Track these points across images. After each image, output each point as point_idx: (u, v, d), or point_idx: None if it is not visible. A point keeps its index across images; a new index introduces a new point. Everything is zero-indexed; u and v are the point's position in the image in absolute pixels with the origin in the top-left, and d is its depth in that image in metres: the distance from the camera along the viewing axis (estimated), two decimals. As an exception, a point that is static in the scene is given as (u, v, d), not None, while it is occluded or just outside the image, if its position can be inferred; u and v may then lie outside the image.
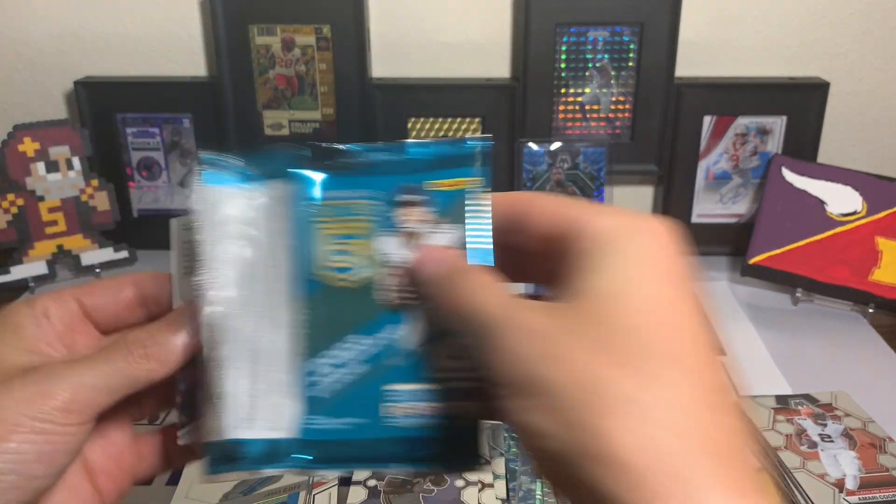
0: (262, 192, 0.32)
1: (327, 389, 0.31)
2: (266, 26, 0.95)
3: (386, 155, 0.32)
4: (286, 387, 0.31)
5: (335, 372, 0.31)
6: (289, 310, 0.31)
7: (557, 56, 0.95)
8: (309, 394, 0.31)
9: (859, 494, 0.57)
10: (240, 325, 0.30)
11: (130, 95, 0.98)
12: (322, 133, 0.99)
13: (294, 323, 0.31)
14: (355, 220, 0.32)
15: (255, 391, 0.30)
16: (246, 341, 0.31)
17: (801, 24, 0.97)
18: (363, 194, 0.32)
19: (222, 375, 0.30)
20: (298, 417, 0.31)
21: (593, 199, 0.98)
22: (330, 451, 0.31)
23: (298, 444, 0.31)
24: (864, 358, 0.78)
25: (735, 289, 0.92)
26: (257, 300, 0.31)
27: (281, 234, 0.32)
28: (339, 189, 0.32)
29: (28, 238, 0.92)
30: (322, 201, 0.32)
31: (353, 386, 0.31)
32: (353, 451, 0.31)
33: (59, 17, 1.00)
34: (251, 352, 0.31)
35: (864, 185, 0.89)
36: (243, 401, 0.30)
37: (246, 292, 0.31)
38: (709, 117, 0.96)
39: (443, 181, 0.32)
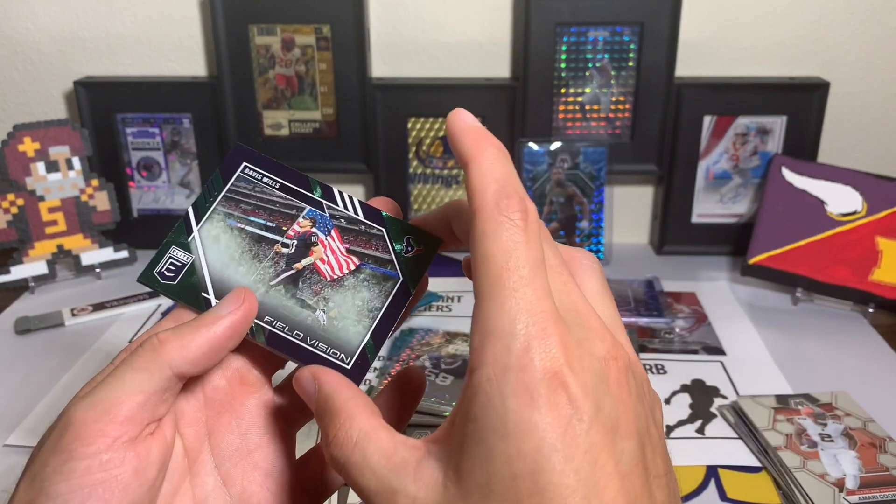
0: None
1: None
2: (266, 26, 0.95)
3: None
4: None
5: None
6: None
7: (557, 56, 0.95)
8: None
9: (859, 494, 0.57)
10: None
11: (130, 95, 0.98)
12: (322, 133, 0.99)
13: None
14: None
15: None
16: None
17: (801, 24, 0.97)
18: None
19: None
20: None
21: (593, 199, 0.98)
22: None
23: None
24: (864, 358, 0.78)
25: (735, 289, 0.92)
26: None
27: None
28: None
29: (28, 238, 0.92)
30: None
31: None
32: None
33: (59, 17, 1.00)
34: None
35: (864, 185, 0.89)
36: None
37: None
38: (709, 117, 0.96)
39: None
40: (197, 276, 0.35)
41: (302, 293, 0.35)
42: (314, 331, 0.35)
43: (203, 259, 0.35)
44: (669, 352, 0.78)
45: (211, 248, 0.35)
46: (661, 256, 1.02)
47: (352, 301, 0.35)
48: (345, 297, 0.35)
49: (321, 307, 0.35)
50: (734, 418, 0.67)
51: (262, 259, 0.35)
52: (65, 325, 0.83)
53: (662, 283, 0.92)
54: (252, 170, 0.37)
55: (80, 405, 0.28)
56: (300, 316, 0.35)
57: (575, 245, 0.99)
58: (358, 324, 0.35)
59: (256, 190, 0.37)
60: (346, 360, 0.34)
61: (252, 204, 0.36)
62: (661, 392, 0.72)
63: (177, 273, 0.35)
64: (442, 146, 0.99)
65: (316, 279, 0.35)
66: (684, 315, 0.86)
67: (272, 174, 0.37)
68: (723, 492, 0.59)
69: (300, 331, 0.34)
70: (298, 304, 0.35)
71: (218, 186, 0.36)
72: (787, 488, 0.59)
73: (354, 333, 0.35)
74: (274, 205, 0.36)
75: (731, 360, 0.77)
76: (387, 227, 0.36)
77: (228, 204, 0.36)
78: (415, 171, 1.01)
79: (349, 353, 0.34)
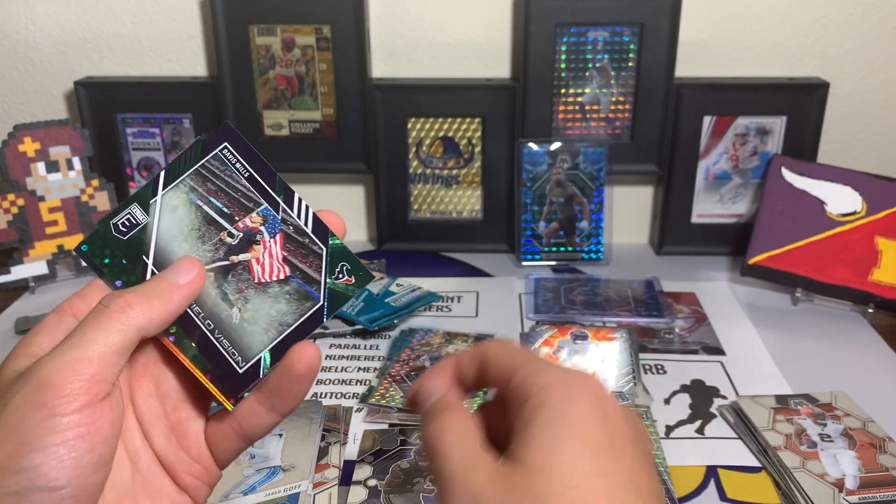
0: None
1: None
2: (266, 26, 0.95)
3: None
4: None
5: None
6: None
7: (557, 56, 0.95)
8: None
9: (859, 494, 0.57)
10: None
11: (130, 95, 0.98)
12: (322, 133, 0.99)
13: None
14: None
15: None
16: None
17: (801, 24, 0.97)
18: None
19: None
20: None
21: (593, 199, 0.98)
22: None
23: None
24: (863, 358, 0.78)
25: (735, 289, 0.92)
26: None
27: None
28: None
29: (29, 238, 0.92)
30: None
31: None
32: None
33: (59, 18, 1.00)
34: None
35: (863, 185, 0.89)
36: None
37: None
38: (709, 117, 0.96)
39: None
40: (145, 239, 0.36)
41: (228, 286, 0.36)
42: (224, 326, 0.36)
43: (156, 224, 0.36)
44: (669, 352, 0.78)
45: (166, 216, 0.36)
46: (661, 256, 1.02)
47: (268, 309, 0.36)
48: (263, 303, 0.36)
49: (239, 305, 0.36)
50: (734, 418, 0.67)
51: (206, 242, 0.36)
52: (65, 325, 0.83)
53: (662, 283, 0.92)
54: (229, 152, 0.37)
55: (54, 363, 0.30)
56: (218, 308, 0.36)
57: (574, 245, 0.99)
58: (264, 333, 0.36)
59: (226, 173, 0.37)
60: (240, 363, 0.35)
61: (217, 185, 0.37)
62: (660, 392, 0.72)
63: (129, 230, 0.36)
64: (442, 146, 0.99)
65: (245, 277, 0.36)
66: (684, 315, 0.86)
67: (246, 161, 0.37)
68: (722, 492, 0.59)
69: (212, 321, 0.36)
70: (220, 296, 0.36)
71: (195, 158, 0.37)
72: (786, 488, 0.59)
73: (258, 342, 0.36)
74: (236, 192, 0.37)
75: (731, 361, 0.77)
76: (329, 248, 0.37)
77: (197, 178, 0.37)
78: (415, 171, 1.01)
79: (246, 358, 0.35)
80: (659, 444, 0.64)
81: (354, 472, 0.60)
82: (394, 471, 0.60)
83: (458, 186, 1.01)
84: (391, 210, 1.02)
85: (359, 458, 0.62)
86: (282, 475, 0.59)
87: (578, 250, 0.99)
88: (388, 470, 0.60)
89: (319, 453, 0.62)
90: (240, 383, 0.35)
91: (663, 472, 0.60)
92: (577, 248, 0.99)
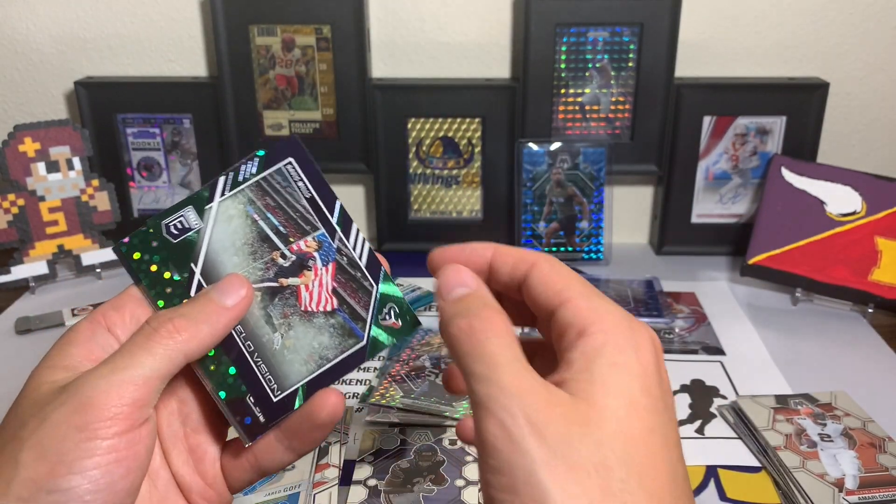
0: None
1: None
2: (266, 26, 0.95)
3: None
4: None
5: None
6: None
7: (557, 56, 0.95)
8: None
9: (859, 494, 0.57)
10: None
11: (130, 95, 0.98)
12: (322, 133, 0.99)
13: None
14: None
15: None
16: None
17: (801, 24, 0.97)
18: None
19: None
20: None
21: (593, 199, 0.98)
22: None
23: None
24: (863, 358, 0.78)
25: (735, 289, 0.92)
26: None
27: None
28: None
29: (29, 238, 0.92)
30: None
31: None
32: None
33: (59, 18, 1.00)
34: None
35: (863, 185, 0.89)
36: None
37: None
38: (709, 117, 0.96)
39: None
40: (196, 245, 0.34)
41: (273, 309, 0.35)
42: (264, 350, 0.34)
43: (209, 232, 0.35)
44: (669, 352, 0.78)
45: (220, 225, 0.35)
46: (661, 256, 1.02)
47: (311, 340, 0.34)
48: (307, 333, 0.35)
49: (282, 331, 0.34)
50: (734, 418, 0.67)
51: (257, 259, 0.35)
52: (65, 325, 0.83)
53: (662, 283, 0.92)
54: (294, 168, 0.36)
55: (100, 384, 0.29)
56: (260, 330, 0.34)
57: (574, 245, 0.99)
58: (304, 364, 0.34)
59: (287, 190, 0.36)
60: (275, 391, 0.34)
61: (276, 202, 0.36)
62: (660, 392, 0.72)
63: (180, 233, 0.35)
64: (442, 146, 0.99)
65: (292, 302, 0.35)
66: (684, 315, 0.86)
67: (309, 181, 0.36)
68: (722, 492, 0.59)
69: (252, 343, 0.34)
70: (264, 318, 0.34)
71: (255, 169, 0.36)
72: (786, 488, 0.59)
73: (296, 372, 0.34)
74: (295, 212, 0.36)
75: (731, 360, 0.77)
76: (380, 286, 0.35)
77: (257, 191, 0.35)
78: (415, 172, 1.01)
79: (282, 387, 0.34)
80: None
81: (354, 472, 0.60)
82: (394, 471, 0.60)
83: (458, 186, 1.01)
84: (391, 210, 1.02)
85: (359, 458, 0.62)
86: (282, 475, 0.59)
87: (578, 250, 0.99)
88: (388, 470, 0.60)
89: (319, 453, 0.62)
90: (273, 412, 0.34)
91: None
92: (577, 248, 0.99)
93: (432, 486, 0.58)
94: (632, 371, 0.28)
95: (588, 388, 0.27)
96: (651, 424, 0.27)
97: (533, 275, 0.32)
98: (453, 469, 0.60)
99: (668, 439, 0.28)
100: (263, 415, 0.34)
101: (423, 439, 0.64)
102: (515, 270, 0.33)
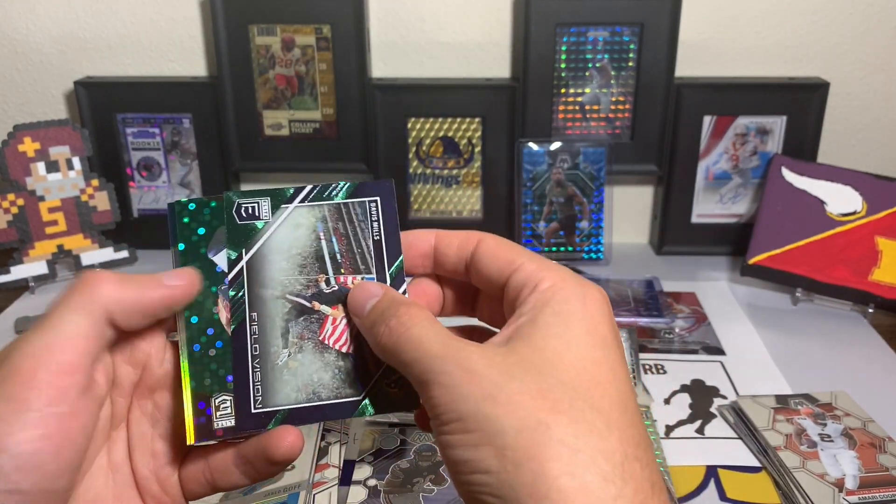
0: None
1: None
2: (266, 26, 0.95)
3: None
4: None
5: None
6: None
7: (557, 56, 0.95)
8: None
9: (859, 494, 0.57)
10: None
11: (130, 95, 0.98)
12: (322, 133, 0.99)
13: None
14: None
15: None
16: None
17: (801, 24, 0.97)
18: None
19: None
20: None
21: (593, 199, 0.98)
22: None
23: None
24: (863, 358, 0.78)
25: (735, 289, 0.92)
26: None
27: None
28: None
29: (28, 238, 0.92)
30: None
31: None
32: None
33: (59, 18, 1.00)
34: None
35: (863, 185, 0.89)
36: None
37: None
38: (709, 117, 0.96)
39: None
40: (255, 235, 0.34)
41: (294, 326, 0.34)
42: (267, 360, 0.34)
43: (274, 228, 0.35)
44: (669, 352, 0.78)
45: (286, 228, 0.35)
46: (661, 256, 1.02)
47: (313, 372, 0.34)
48: (313, 363, 0.34)
49: (291, 350, 0.34)
50: (734, 418, 0.67)
51: (303, 273, 0.35)
52: (65, 325, 0.83)
53: (662, 283, 0.92)
54: (376, 207, 0.36)
55: (27, 349, 0.28)
56: (274, 339, 0.34)
57: (574, 244, 0.99)
58: (296, 392, 0.34)
59: (361, 224, 0.36)
60: (257, 404, 0.33)
61: (346, 230, 0.36)
62: (660, 392, 0.72)
63: (247, 218, 0.35)
64: (442, 146, 0.99)
65: (313, 328, 0.34)
66: (684, 315, 0.86)
67: (383, 225, 0.36)
68: (722, 492, 0.59)
69: (259, 346, 0.34)
70: (281, 330, 0.34)
71: (342, 194, 0.36)
72: (786, 488, 0.59)
73: (285, 396, 0.33)
74: (358, 247, 0.35)
75: (731, 360, 0.77)
76: None
77: (333, 212, 0.36)
78: (415, 171, 1.01)
79: (265, 403, 0.33)
80: (659, 443, 0.64)
81: (354, 472, 0.60)
82: (394, 471, 0.60)
83: (458, 186, 1.01)
84: (391, 210, 1.02)
85: (359, 458, 0.62)
86: (281, 475, 0.59)
87: (578, 250, 0.99)
88: (387, 470, 0.60)
89: (319, 453, 0.62)
90: (246, 421, 0.33)
91: (664, 472, 0.60)
92: (577, 248, 0.99)
93: (432, 486, 0.58)
94: (576, 316, 0.29)
95: (531, 332, 0.29)
96: (596, 357, 0.28)
97: (481, 250, 0.33)
98: (453, 469, 0.60)
99: (616, 373, 0.28)
100: (236, 420, 0.33)
101: (423, 439, 0.64)
102: (462, 250, 0.34)
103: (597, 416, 0.27)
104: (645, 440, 0.28)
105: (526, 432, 0.26)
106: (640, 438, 0.28)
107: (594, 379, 0.28)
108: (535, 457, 0.26)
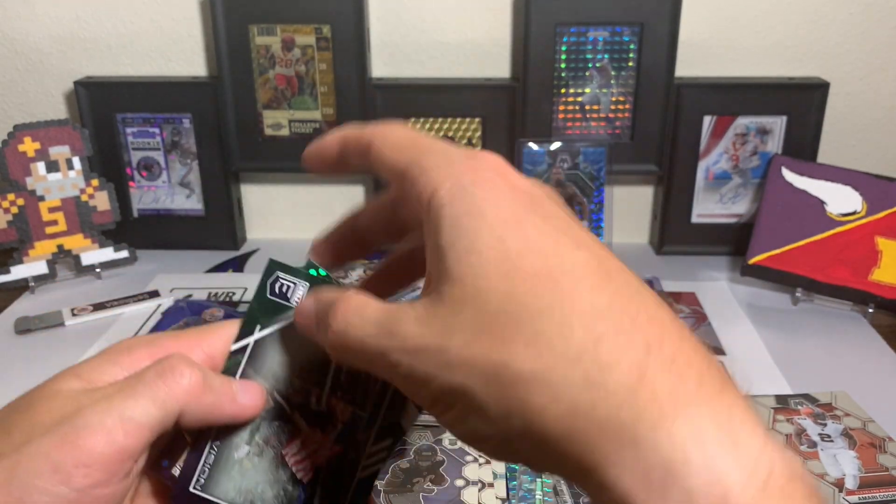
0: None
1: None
2: (266, 26, 0.95)
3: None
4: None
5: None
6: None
7: (557, 56, 0.95)
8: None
9: (859, 494, 0.57)
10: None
11: (130, 95, 0.98)
12: (322, 133, 0.99)
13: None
14: None
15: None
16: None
17: (801, 24, 0.97)
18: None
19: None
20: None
21: (593, 198, 0.98)
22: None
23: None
24: (864, 358, 0.78)
25: (735, 289, 0.92)
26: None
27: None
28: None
29: (28, 238, 0.92)
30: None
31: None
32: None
33: (59, 18, 1.00)
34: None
35: (863, 185, 0.89)
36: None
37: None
38: (709, 117, 0.96)
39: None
40: (276, 316, 0.33)
41: (265, 426, 0.32)
42: (225, 448, 0.32)
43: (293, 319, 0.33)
44: (669, 352, 0.78)
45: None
46: (661, 256, 1.02)
47: (260, 481, 0.32)
48: (264, 474, 0.32)
49: (253, 450, 0.32)
50: (734, 418, 0.67)
51: (300, 377, 0.33)
52: (65, 325, 0.83)
53: (662, 283, 0.92)
54: None
55: (92, 421, 0.27)
56: (240, 433, 0.32)
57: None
58: (234, 492, 0.31)
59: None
60: (197, 483, 0.31)
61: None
62: (660, 392, 0.72)
63: (278, 296, 0.33)
64: (442, 146, 0.99)
65: (282, 439, 0.32)
66: (684, 315, 0.86)
67: None
68: (722, 492, 0.59)
69: (222, 433, 0.32)
70: (252, 427, 0.32)
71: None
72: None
73: (225, 491, 0.31)
74: (367, 382, 0.33)
75: (731, 361, 0.77)
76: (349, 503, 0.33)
77: None
78: (415, 171, 1.00)
79: (206, 487, 0.31)
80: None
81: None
82: (394, 471, 0.60)
83: (458, 186, 1.01)
84: (391, 210, 1.02)
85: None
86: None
87: (578, 250, 0.99)
88: (388, 470, 0.60)
89: (319, 453, 0.62)
90: (180, 495, 0.31)
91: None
92: (577, 248, 0.99)
93: (432, 486, 0.58)
94: (472, 213, 0.25)
95: (444, 264, 0.25)
96: (518, 247, 0.24)
97: (372, 151, 0.29)
98: (453, 469, 0.60)
99: (556, 239, 0.25)
100: (174, 487, 0.31)
101: (423, 439, 0.64)
102: (357, 147, 0.30)
103: (550, 319, 0.23)
104: (639, 294, 0.25)
105: (493, 384, 0.23)
106: (622, 297, 0.24)
107: (531, 269, 0.24)
108: (514, 400, 0.23)
